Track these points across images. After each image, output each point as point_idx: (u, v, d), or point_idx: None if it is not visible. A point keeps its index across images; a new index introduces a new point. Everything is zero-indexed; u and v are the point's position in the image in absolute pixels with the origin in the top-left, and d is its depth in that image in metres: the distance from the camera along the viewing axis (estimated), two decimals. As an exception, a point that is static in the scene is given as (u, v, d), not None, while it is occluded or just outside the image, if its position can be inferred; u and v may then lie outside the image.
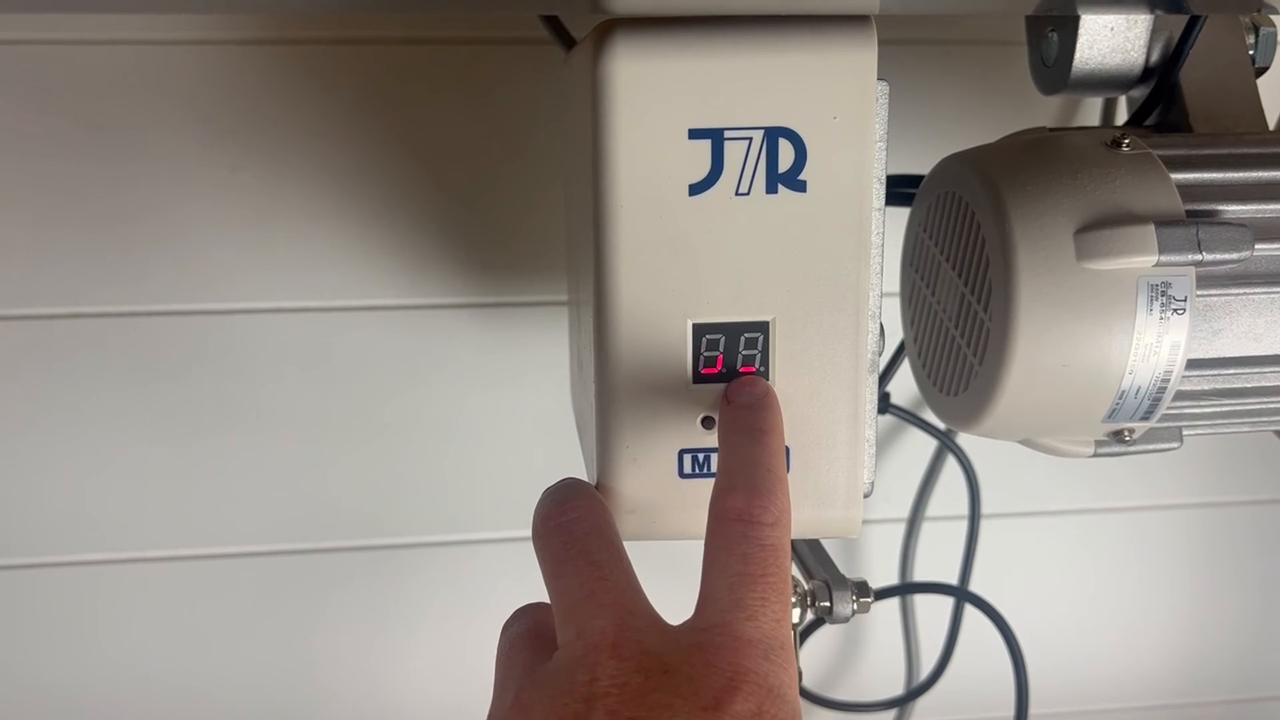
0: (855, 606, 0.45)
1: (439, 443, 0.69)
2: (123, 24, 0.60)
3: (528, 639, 0.35)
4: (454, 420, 0.68)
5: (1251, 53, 0.52)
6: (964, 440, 0.70)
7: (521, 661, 0.34)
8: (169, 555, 0.68)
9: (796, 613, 0.44)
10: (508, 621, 0.37)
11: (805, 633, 0.68)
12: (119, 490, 0.67)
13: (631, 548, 0.41)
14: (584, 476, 0.44)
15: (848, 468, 0.40)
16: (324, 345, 0.66)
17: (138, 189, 0.62)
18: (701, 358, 0.39)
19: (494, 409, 0.68)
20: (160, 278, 0.64)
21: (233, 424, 0.67)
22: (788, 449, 0.40)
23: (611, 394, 0.39)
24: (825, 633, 0.75)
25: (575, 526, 0.35)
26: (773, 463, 0.35)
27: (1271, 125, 0.53)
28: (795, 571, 0.49)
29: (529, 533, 0.36)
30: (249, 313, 0.65)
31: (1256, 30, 0.52)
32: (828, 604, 0.44)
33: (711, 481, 0.36)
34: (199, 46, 0.61)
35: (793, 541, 0.52)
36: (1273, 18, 0.52)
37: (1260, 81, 0.52)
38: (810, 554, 0.48)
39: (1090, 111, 0.67)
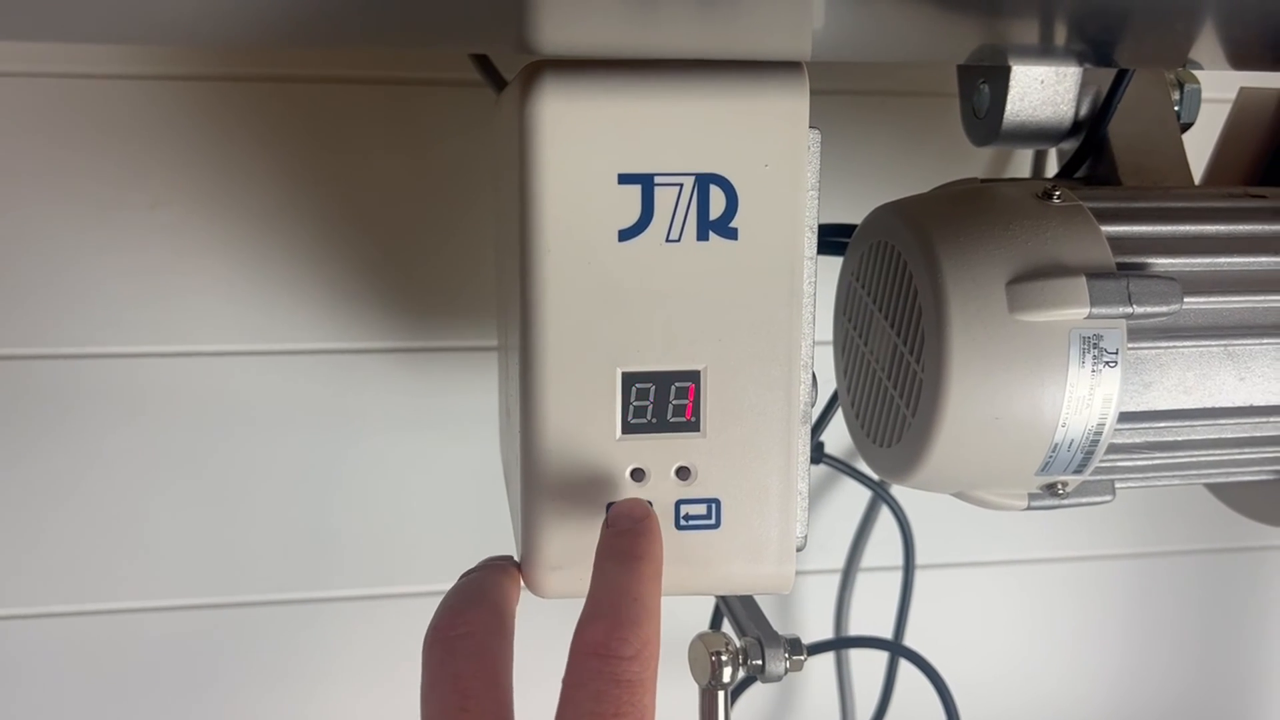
0: (788, 665, 0.43)
1: (363, 493, 0.67)
2: (34, 56, 0.58)
3: None
4: (379, 469, 0.66)
5: (1177, 108, 0.53)
6: (898, 491, 0.70)
7: None
8: (70, 611, 0.65)
9: (728, 672, 0.42)
10: None
11: (736, 690, 0.67)
12: (17, 541, 0.64)
13: (559, 604, 0.39)
14: (511, 528, 0.43)
15: (780, 521, 0.39)
16: (244, 391, 0.64)
17: (48, 226, 0.60)
18: (631, 408, 0.38)
19: (421, 458, 0.67)
20: (71, 319, 0.61)
21: (145, 473, 0.64)
22: (719, 502, 0.39)
23: (537, 445, 0.38)
24: (758, 688, 0.74)
25: (458, 645, 0.34)
26: (641, 591, 0.34)
27: (1196, 180, 0.53)
28: (726, 627, 0.48)
29: None
30: (166, 356, 0.63)
31: (1181, 87, 0.53)
32: (759, 662, 0.43)
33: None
34: (117, 81, 0.59)
35: (725, 597, 0.51)
36: (1196, 74, 0.53)
37: (1185, 137, 0.53)
38: (743, 609, 0.47)
39: (1021, 163, 0.68)
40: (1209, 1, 0.31)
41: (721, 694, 0.43)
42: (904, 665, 0.69)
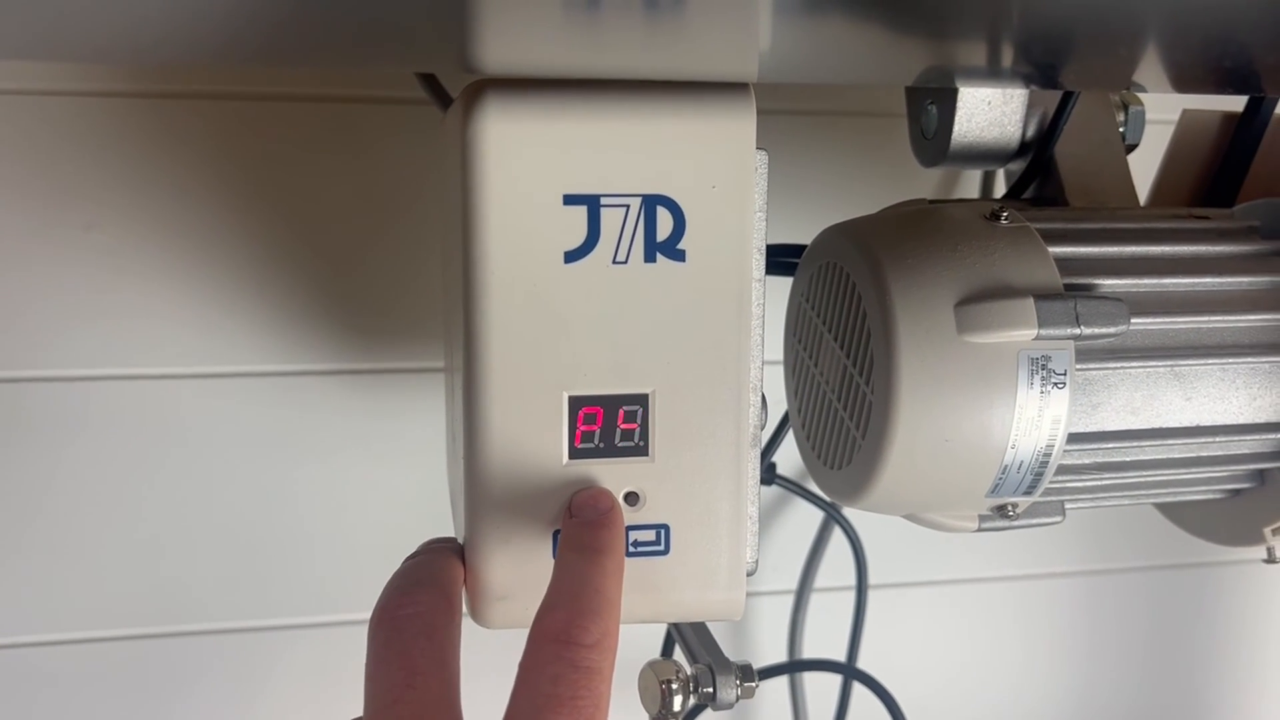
0: (739, 692, 0.43)
1: (309, 517, 0.65)
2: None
3: None
4: (325, 493, 0.65)
5: (1122, 130, 0.53)
6: (850, 511, 0.69)
7: None
8: (7, 643, 0.63)
9: (679, 700, 0.42)
10: None
11: (687, 718, 0.66)
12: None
13: (505, 632, 0.38)
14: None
15: (730, 547, 0.38)
16: (186, 414, 0.62)
17: (-20, 247, 0.58)
18: (578, 432, 0.37)
19: (367, 481, 0.65)
20: (5, 343, 0.59)
21: (85, 499, 0.62)
22: (668, 528, 0.38)
23: (482, 470, 0.37)
24: (710, 716, 0.73)
25: (406, 624, 0.33)
26: (603, 583, 0.34)
27: (1141, 201, 0.54)
28: (678, 655, 0.47)
29: None
30: (106, 380, 0.61)
31: (1126, 108, 0.53)
32: (710, 690, 0.42)
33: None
34: (48, 98, 0.57)
35: (676, 624, 0.50)
36: (1141, 97, 0.54)
37: (1130, 158, 0.53)
38: (694, 636, 0.46)
39: (970, 184, 0.69)
40: (1151, 26, 0.31)
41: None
42: (858, 689, 0.69)
